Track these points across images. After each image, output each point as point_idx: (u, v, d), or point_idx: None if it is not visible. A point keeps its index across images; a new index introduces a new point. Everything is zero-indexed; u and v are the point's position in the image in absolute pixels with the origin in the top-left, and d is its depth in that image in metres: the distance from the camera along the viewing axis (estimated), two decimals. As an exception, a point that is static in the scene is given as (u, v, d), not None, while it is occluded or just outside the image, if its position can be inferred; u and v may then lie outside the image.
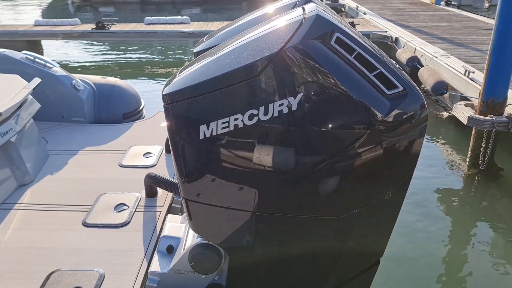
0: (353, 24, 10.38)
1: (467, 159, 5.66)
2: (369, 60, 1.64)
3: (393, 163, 1.77)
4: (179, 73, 1.78)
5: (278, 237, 1.93)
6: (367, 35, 10.16)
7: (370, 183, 1.79)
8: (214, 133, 1.66)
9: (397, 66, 1.79)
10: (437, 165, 5.68)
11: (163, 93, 1.69)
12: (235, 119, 1.63)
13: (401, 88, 1.67)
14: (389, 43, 10.00)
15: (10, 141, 2.78)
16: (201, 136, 1.67)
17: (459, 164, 5.74)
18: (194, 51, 2.39)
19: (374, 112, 1.65)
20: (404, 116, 1.69)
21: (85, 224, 2.45)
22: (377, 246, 2.06)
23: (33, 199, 2.71)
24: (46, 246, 2.27)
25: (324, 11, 1.72)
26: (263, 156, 1.69)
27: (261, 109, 1.61)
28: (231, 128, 1.64)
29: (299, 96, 1.60)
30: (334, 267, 2.02)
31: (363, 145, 1.68)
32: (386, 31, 10.33)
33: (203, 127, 1.66)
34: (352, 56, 1.63)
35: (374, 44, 1.88)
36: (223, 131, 1.66)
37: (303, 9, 1.71)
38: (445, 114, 7.15)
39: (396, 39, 9.77)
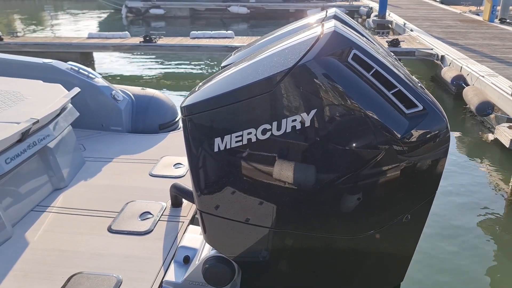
0: (397, 41, 10.19)
1: (511, 184, 5.38)
2: (387, 78, 1.61)
3: (412, 184, 1.72)
4: (200, 87, 1.82)
5: (292, 254, 1.91)
6: (412, 52, 9.95)
7: (386, 204, 1.74)
8: (228, 146, 1.68)
9: (419, 84, 1.75)
10: (479, 190, 5.43)
11: (182, 105, 1.73)
12: (249, 133, 1.64)
13: (421, 107, 1.63)
14: (435, 61, 9.74)
15: (47, 146, 2.93)
16: (216, 149, 1.70)
17: (503, 189, 5.46)
18: (222, 65, 2.44)
19: (391, 131, 1.61)
20: (424, 136, 1.64)
21: (110, 230, 2.52)
22: (397, 270, 1.99)
23: (65, 203, 2.82)
24: (71, 249, 2.36)
25: (344, 27, 1.71)
26: (276, 171, 1.69)
27: (274, 124, 1.62)
28: (245, 142, 1.66)
29: (313, 112, 1.59)
30: (350, 289, 1.97)
31: (379, 164, 1.65)
32: (432, 49, 10.07)
33: (217, 140, 1.68)
34: (370, 74, 1.61)
35: (397, 62, 1.84)
36: (236, 145, 1.67)
37: (322, 25, 1.71)
38: (490, 136, 6.85)
39: (442, 56, 9.50)
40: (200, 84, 1.86)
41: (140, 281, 2.12)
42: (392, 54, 2.09)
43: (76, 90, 3.23)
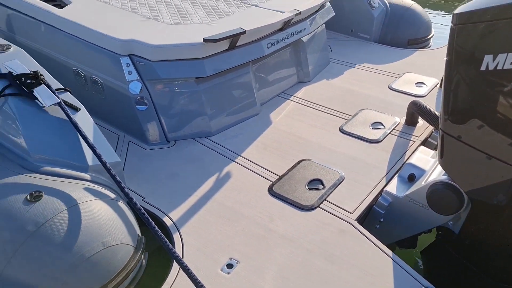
0: None
1: None
2: None
3: None
4: None
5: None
6: None
7: None
8: (499, 67, 1.46)
9: None
10: None
11: (454, 12, 1.55)
12: (532, 56, 1.38)
13: None
14: None
15: (301, 40, 3.10)
16: (483, 67, 1.50)
17: None
18: None
19: None
20: None
21: (342, 130, 2.61)
22: None
23: (306, 96, 3.02)
24: (305, 138, 2.55)
25: None
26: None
27: None
28: (523, 65, 1.41)
29: None
30: None
31: None
32: None
33: (488, 58, 1.48)
34: None
35: None
36: (511, 67, 1.44)
37: None
38: None
39: None
40: None
41: (360, 182, 2.18)
42: None
43: None
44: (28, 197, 1.58)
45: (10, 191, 1.61)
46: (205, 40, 2.32)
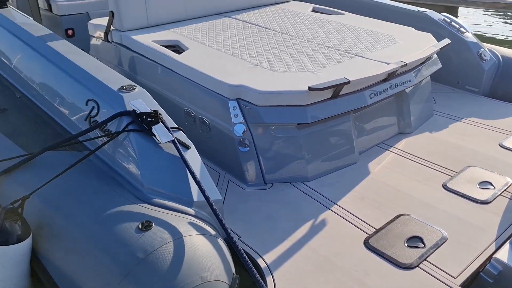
0: None
1: None
2: None
3: None
4: None
5: None
6: None
7: None
8: None
9: None
10: None
11: None
12: None
13: None
14: None
15: (404, 91, 3.05)
16: None
17: None
18: None
19: None
20: None
21: (445, 187, 2.49)
22: None
23: (407, 148, 2.93)
24: (405, 191, 2.47)
25: None
26: None
27: None
28: None
29: None
30: None
31: None
32: None
33: None
34: None
35: None
36: None
37: None
38: None
39: None
40: None
41: (467, 246, 2.04)
42: None
43: (446, 41, 3.17)
44: (140, 226, 1.71)
45: (125, 218, 1.75)
46: (309, 88, 2.38)
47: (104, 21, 3.55)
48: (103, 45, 3.55)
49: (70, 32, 4.62)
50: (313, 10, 4.20)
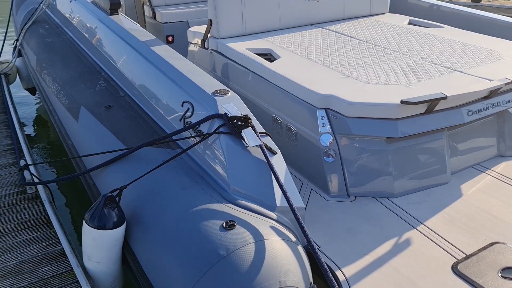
0: None
1: None
2: None
3: None
4: None
5: None
6: None
7: None
8: None
9: None
10: None
11: None
12: None
13: None
14: None
15: (507, 110, 2.84)
16: None
17: None
18: None
19: None
20: None
21: (549, 217, 2.27)
22: None
23: (506, 172, 2.71)
24: (501, 218, 2.28)
25: None
26: None
27: None
28: None
29: None
30: None
31: None
32: None
33: None
34: None
35: None
36: None
37: None
38: None
39: None
40: None
41: None
42: None
43: None
44: (224, 224, 1.77)
45: (210, 216, 1.83)
46: (402, 101, 2.31)
47: (202, 29, 3.74)
48: (200, 51, 3.74)
49: (170, 38, 4.92)
50: (410, 23, 4.07)
